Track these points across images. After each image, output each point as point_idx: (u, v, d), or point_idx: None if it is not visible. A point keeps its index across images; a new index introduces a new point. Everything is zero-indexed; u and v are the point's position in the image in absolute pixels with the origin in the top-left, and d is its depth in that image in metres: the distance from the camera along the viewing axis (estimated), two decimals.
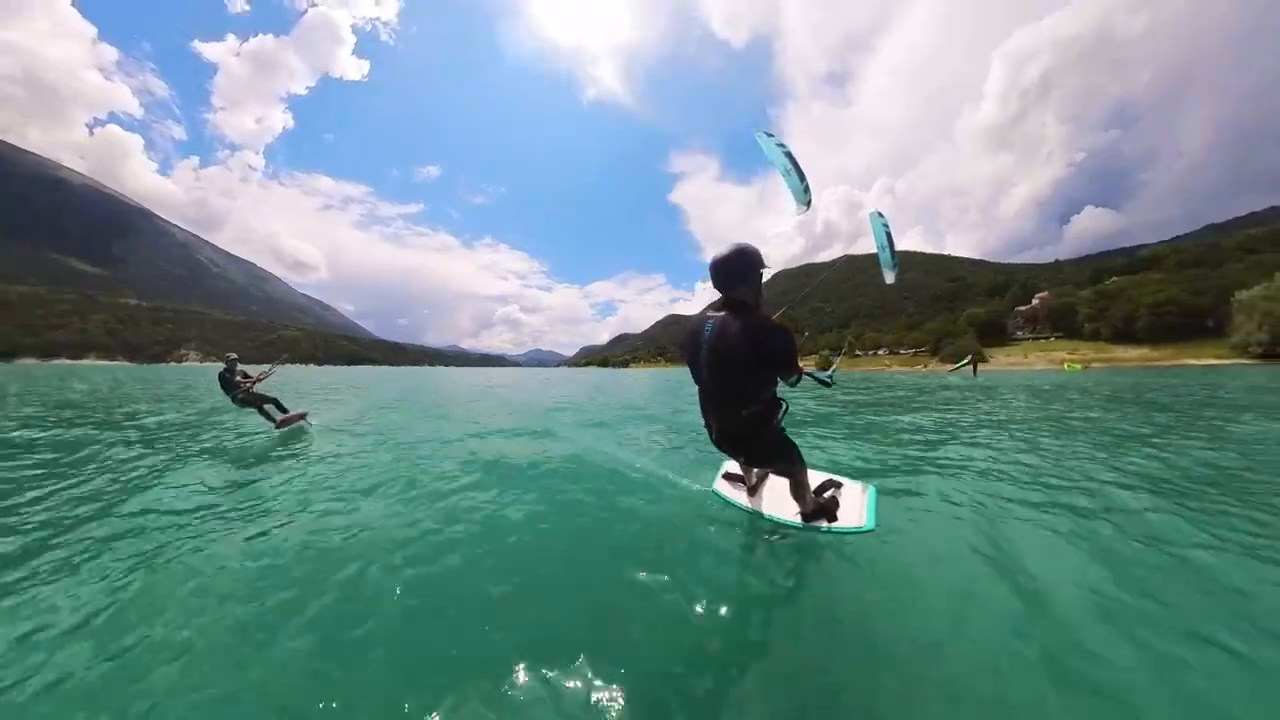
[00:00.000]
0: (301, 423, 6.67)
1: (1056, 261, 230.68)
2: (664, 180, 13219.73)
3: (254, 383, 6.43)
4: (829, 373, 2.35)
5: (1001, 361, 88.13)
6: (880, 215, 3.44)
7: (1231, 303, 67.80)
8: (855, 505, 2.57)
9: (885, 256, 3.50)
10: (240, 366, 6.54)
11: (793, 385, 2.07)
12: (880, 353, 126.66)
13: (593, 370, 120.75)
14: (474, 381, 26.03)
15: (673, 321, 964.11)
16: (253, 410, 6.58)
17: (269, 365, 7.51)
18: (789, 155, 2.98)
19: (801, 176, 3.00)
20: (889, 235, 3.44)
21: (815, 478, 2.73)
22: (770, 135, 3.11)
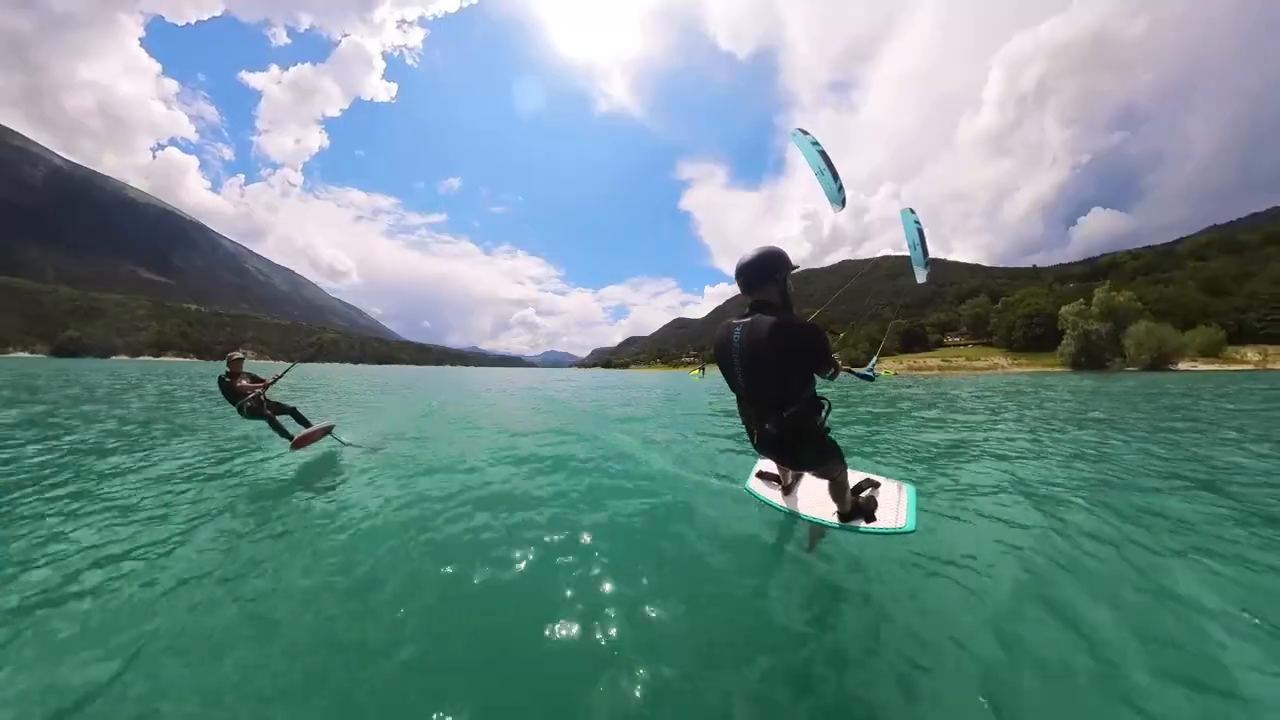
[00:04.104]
0: (327, 438, 5.35)
1: (1034, 267, 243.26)
2: (673, 188, 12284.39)
3: (265, 387, 5.16)
4: (869, 368, 2.34)
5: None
6: (912, 211, 3.22)
7: (1059, 317, 77.44)
8: (893, 505, 2.53)
9: (916, 255, 3.30)
10: (246, 369, 5.31)
11: (830, 379, 2.07)
12: None
13: (596, 371, 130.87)
14: (501, 384, 25.99)
15: (680, 325, 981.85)
16: (263, 423, 5.20)
17: (285, 365, 6.08)
18: (824, 155, 2.94)
19: (835, 177, 2.97)
20: (921, 233, 3.24)
21: (853, 477, 2.63)
22: (806, 134, 2.99)
